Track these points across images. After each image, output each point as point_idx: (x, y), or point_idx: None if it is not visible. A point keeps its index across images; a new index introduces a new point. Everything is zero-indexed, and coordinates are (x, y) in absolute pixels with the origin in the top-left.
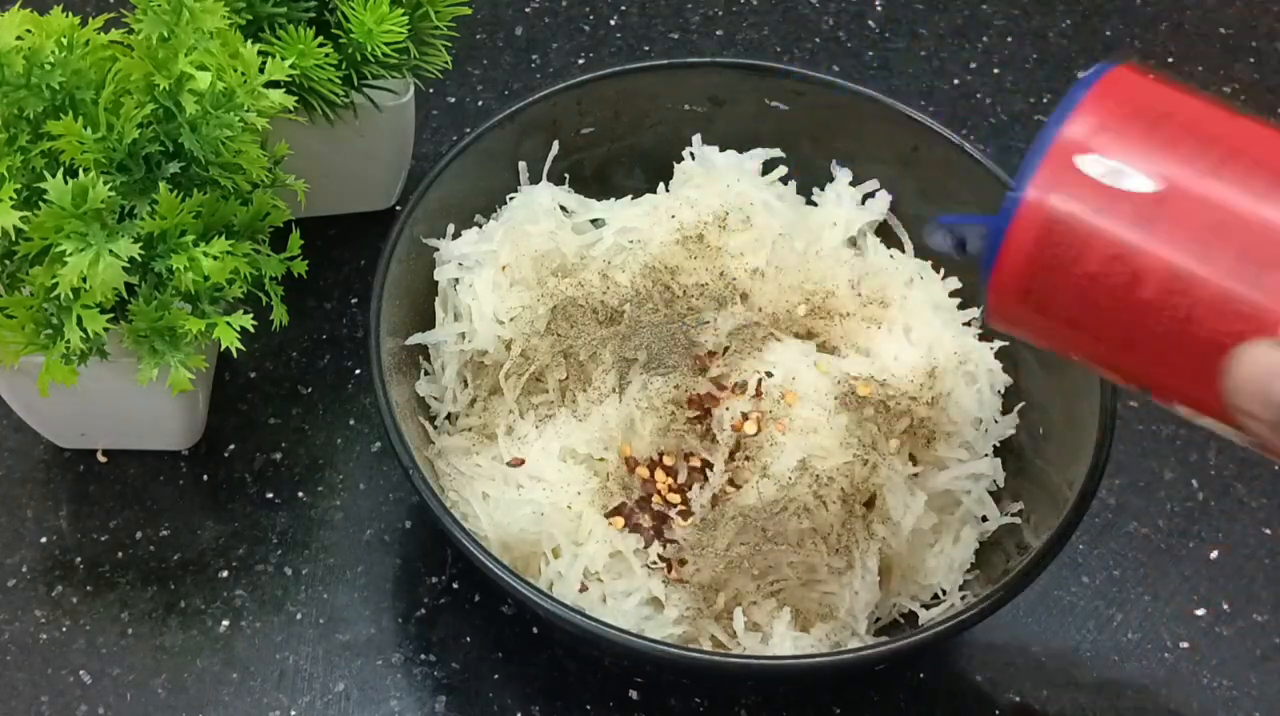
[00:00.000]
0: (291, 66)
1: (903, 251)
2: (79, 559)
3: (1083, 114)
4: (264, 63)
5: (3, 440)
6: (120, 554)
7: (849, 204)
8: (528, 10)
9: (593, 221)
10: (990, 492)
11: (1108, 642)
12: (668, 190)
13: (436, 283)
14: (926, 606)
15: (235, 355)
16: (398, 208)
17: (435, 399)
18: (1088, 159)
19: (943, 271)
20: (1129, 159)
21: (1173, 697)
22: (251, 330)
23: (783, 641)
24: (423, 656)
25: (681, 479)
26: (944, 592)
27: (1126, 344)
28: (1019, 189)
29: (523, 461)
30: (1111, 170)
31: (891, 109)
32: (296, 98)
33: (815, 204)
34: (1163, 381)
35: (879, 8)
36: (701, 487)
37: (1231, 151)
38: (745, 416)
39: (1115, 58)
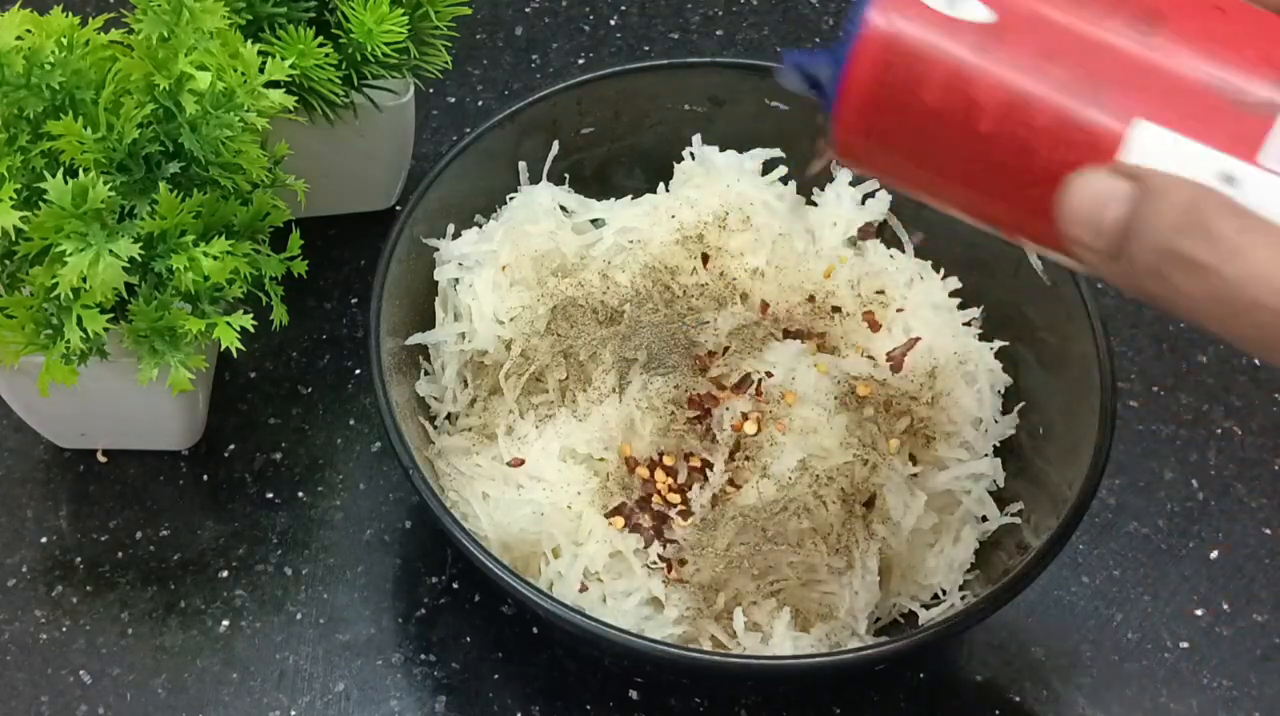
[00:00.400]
0: (291, 66)
1: (903, 251)
2: (79, 559)
3: None
4: (264, 63)
5: (3, 440)
6: (120, 554)
7: (849, 204)
8: (528, 10)
9: (593, 221)
10: (990, 492)
11: (1108, 642)
12: (668, 190)
13: (436, 283)
14: (926, 606)
15: (235, 355)
16: (398, 208)
17: (435, 399)
18: None
19: (942, 271)
20: None
21: (1173, 697)
22: (251, 330)
23: (783, 641)
24: (423, 656)
25: (681, 479)
26: (944, 592)
27: (968, 178)
28: (856, 20)
29: (523, 461)
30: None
31: None
32: (296, 98)
33: (815, 204)
34: (1006, 216)
35: None
36: (701, 487)
37: None
38: (745, 416)
39: None
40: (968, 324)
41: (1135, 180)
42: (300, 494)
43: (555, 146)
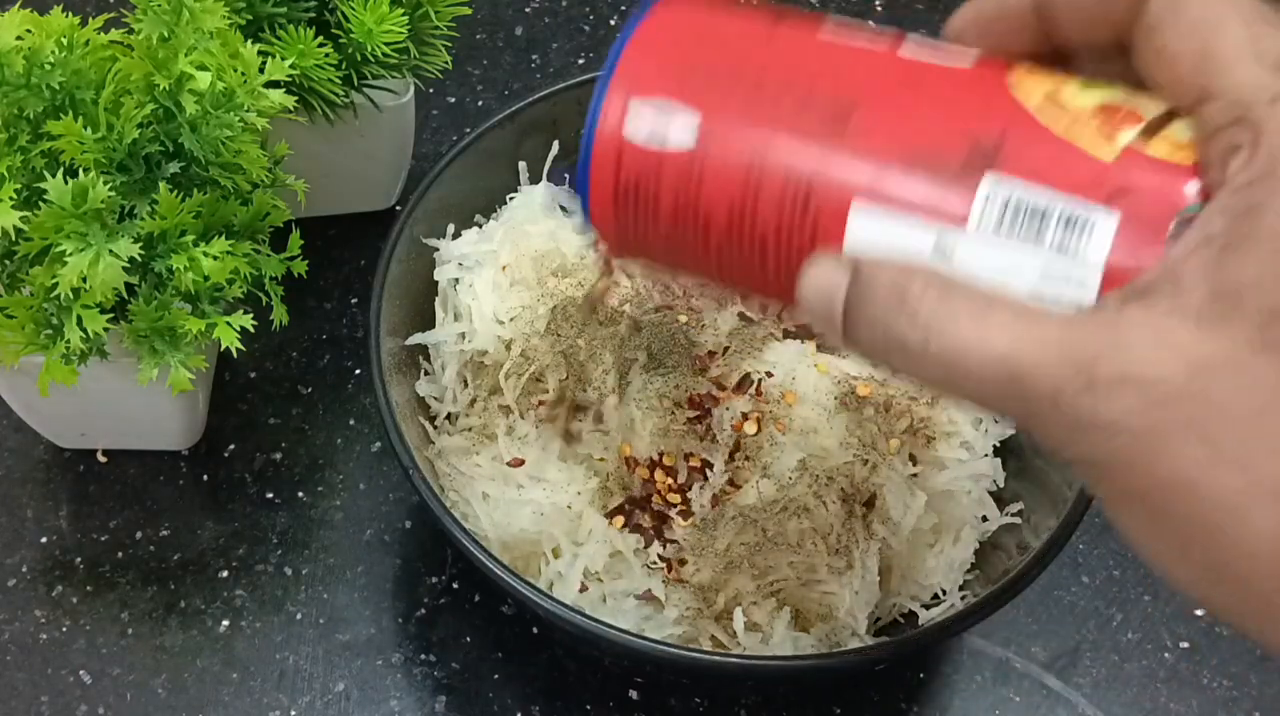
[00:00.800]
0: (291, 66)
1: None
2: (79, 559)
3: (623, 70)
4: (264, 63)
5: (3, 440)
6: (120, 554)
7: None
8: (528, 10)
9: None
10: (990, 492)
11: (1108, 642)
12: None
13: (436, 283)
14: (926, 606)
15: (235, 355)
16: (398, 208)
17: (435, 399)
18: (632, 123)
19: None
20: (667, 113)
21: (1173, 697)
22: (251, 330)
23: (783, 641)
24: (423, 656)
25: (681, 479)
26: (944, 592)
27: (726, 276)
28: (583, 162)
29: (523, 461)
30: (654, 131)
31: None
32: (296, 98)
33: None
34: (771, 301)
35: (879, 8)
36: (701, 487)
37: (763, 77)
38: (745, 416)
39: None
40: None
41: (847, 267)
42: (300, 494)
43: (555, 146)
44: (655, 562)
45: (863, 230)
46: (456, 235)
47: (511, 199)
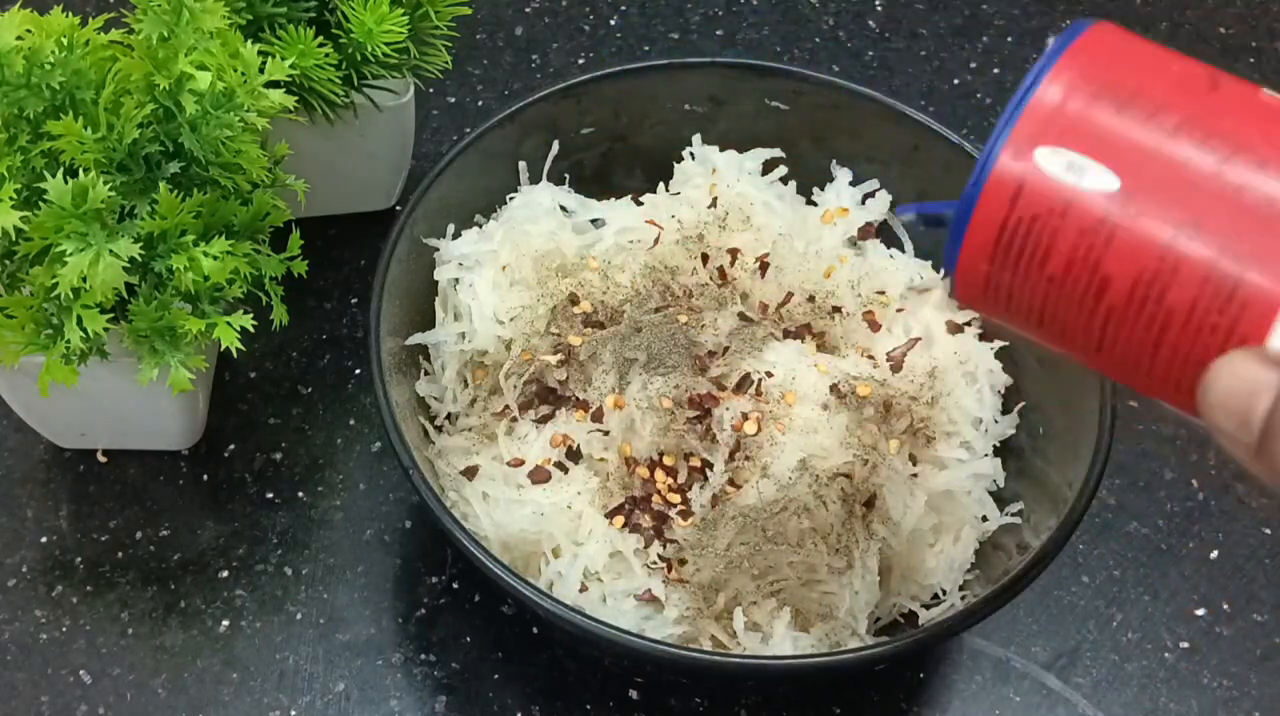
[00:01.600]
0: (291, 66)
1: (903, 251)
2: (79, 559)
3: (1045, 93)
4: (264, 63)
5: (3, 440)
6: (120, 554)
7: (849, 204)
8: (528, 10)
9: (592, 221)
10: (990, 492)
11: (1108, 642)
12: (668, 190)
13: (436, 283)
14: (926, 606)
15: (235, 355)
16: (398, 208)
17: (435, 399)
18: (1046, 152)
19: (942, 271)
20: (1091, 151)
21: (1173, 697)
22: (251, 330)
23: (783, 641)
24: (423, 656)
25: (681, 479)
26: (944, 592)
27: (1098, 347)
28: (977, 180)
29: (523, 461)
30: (1072, 165)
31: (891, 109)
32: (296, 98)
33: (815, 204)
34: (1140, 385)
35: (879, 8)
36: (701, 487)
37: (1206, 136)
38: (745, 416)
39: (1086, 17)
40: (968, 324)
41: None
42: (300, 494)
43: (555, 146)
44: (655, 562)
45: None
46: (456, 235)
47: (511, 199)
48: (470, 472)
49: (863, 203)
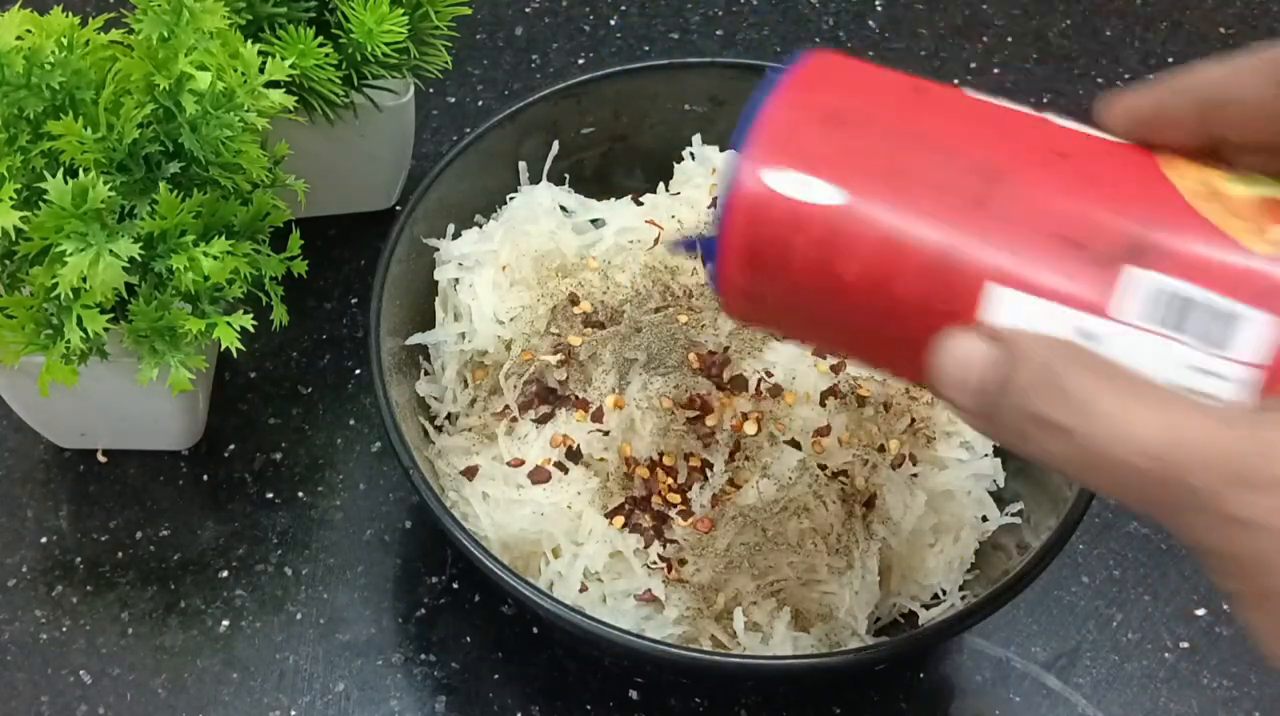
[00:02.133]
0: (291, 66)
1: None
2: (79, 559)
3: (767, 121)
4: (264, 63)
5: (3, 440)
6: (120, 554)
7: None
8: (528, 10)
9: (592, 221)
10: (990, 492)
11: (1108, 642)
12: (668, 190)
13: (436, 283)
14: (926, 606)
15: (235, 355)
16: (398, 208)
17: (435, 399)
18: (773, 174)
19: None
20: (811, 167)
21: (1173, 697)
22: (251, 330)
23: (783, 641)
24: (423, 656)
25: (681, 479)
26: (944, 592)
27: (851, 341)
28: (721, 208)
29: (523, 462)
30: (796, 182)
31: None
32: (296, 98)
33: None
34: (891, 370)
35: (879, 8)
36: (701, 487)
37: (913, 139)
38: (745, 416)
39: (799, 51)
40: None
41: (995, 342)
42: (300, 494)
43: (555, 146)
44: (655, 562)
45: (1004, 307)
46: (456, 235)
47: (511, 199)
48: (470, 472)
49: None
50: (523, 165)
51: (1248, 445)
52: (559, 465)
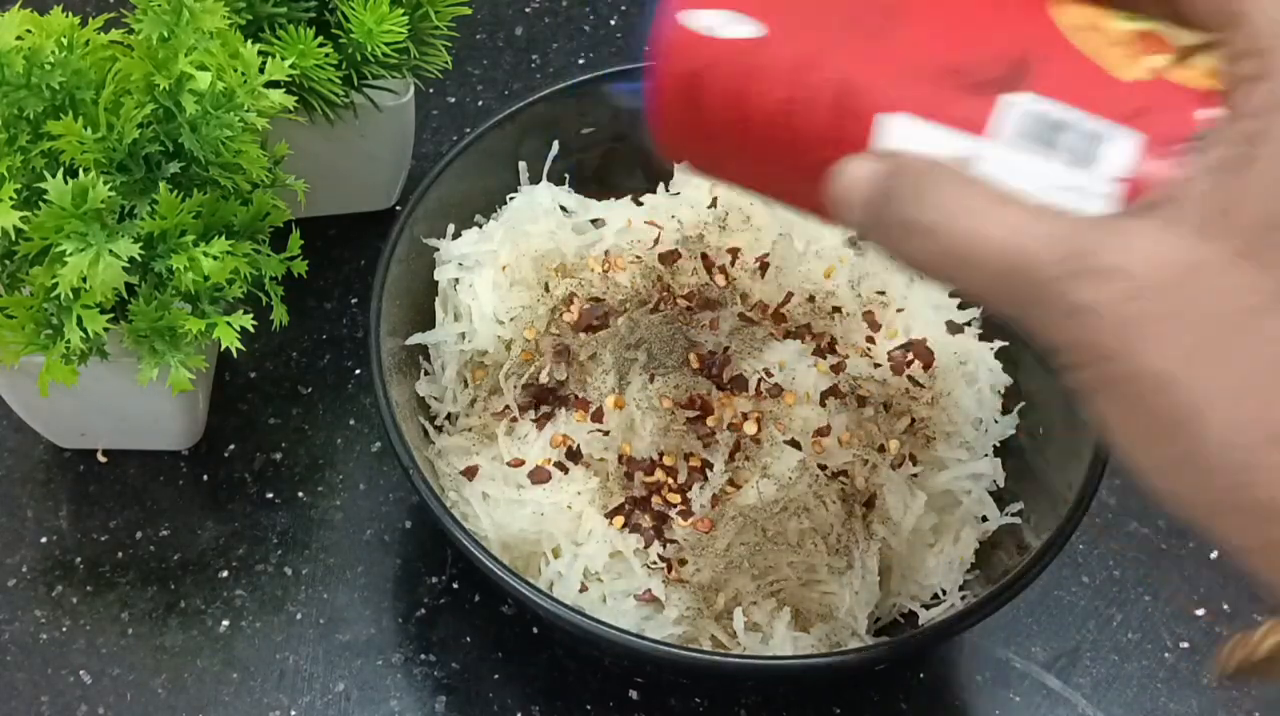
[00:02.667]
0: (291, 66)
1: None
2: (79, 559)
3: None
4: (264, 63)
5: (3, 440)
6: (120, 554)
7: None
8: (528, 10)
9: (592, 221)
10: (990, 492)
11: (1108, 642)
12: (668, 190)
13: (436, 283)
14: (926, 606)
15: (235, 355)
16: (398, 208)
17: (435, 399)
18: (690, 14)
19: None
20: (723, 5)
21: (1173, 697)
22: (251, 330)
23: (783, 641)
24: (423, 656)
25: (681, 479)
26: (944, 592)
27: (763, 176)
28: (648, 52)
29: (523, 462)
30: (712, 21)
31: None
32: (296, 98)
33: None
34: (803, 202)
35: None
36: (701, 487)
37: None
38: (745, 416)
39: None
40: (968, 324)
41: (882, 160)
42: (300, 494)
43: (555, 146)
44: (655, 562)
45: (892, 135)
46: (456, 235)
47: (511, 199)
48: (470, 473)
49: None
50: (523, 165)
51: (1087, 237)
52: (559, 465)
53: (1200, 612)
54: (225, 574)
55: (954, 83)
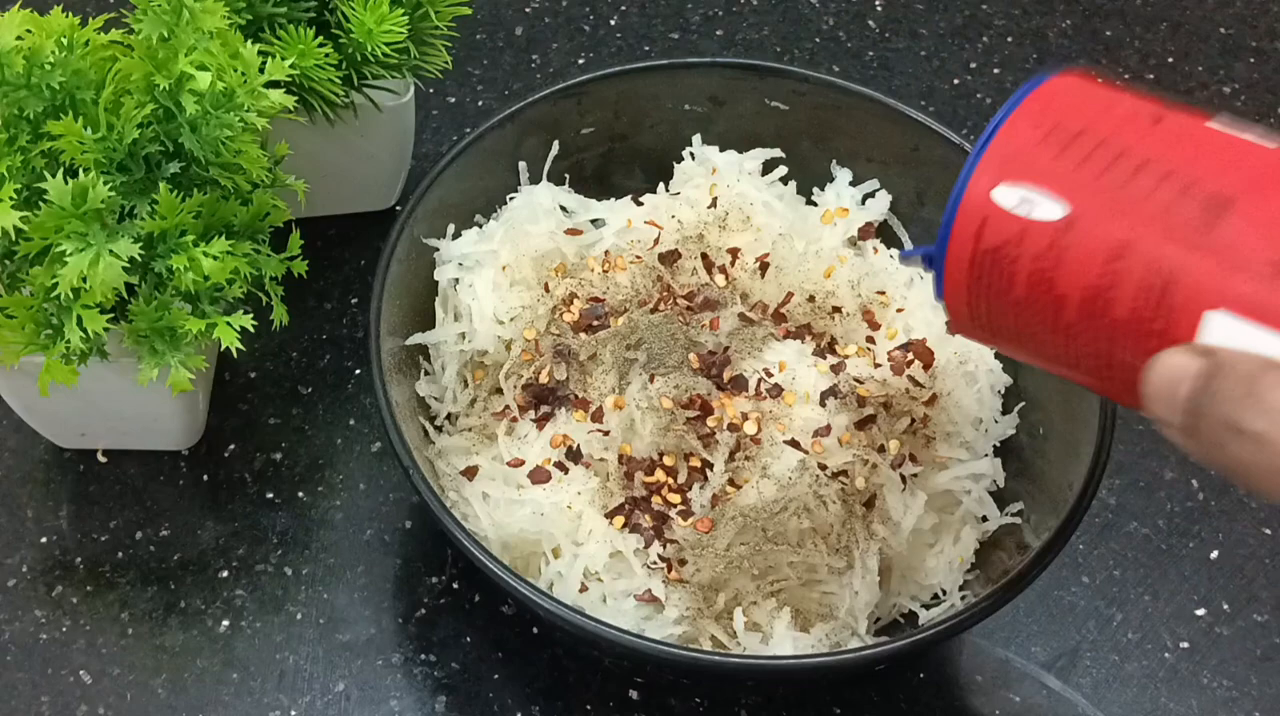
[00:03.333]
0: (291, 66)
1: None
2: (79, 559)
3: (1003, 137)
4: (264, 63)
5: (3, 440)
6: (120, 554)
7: (849, 204)
8: (528, 10)
9: (593, 221)
10: (990, 492)
11: (1108, 642)
12: (668, 190)
13: (436, 283)
14: (926, 606)
15: (235, 355)
16: (398, 208)
17: (435, 399)
18: (1002, 190)
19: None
20: (1041, 184)
21: (1173, 697)
22: (251, 330)
23: (783, 641)
24: (423, 656)
25: (681, 479)
26: (944, 592)
27: (1068, 361)
28: (947, 222)
29: (523, 462)
30: (1024, 199)
31: (891, 109)
32: (296, 98)
33: (815, 204)
34: (1102, 389)
35: (879, 8)
36: (701, 487)
37: (1143, 164)
38: (745, 416)
39: (1047, 70)
40: None
41: (1205, 357)
42: (300, 494)
43: (555, 146)
44: (655, 562)
45: (1219, 332)
46: (456, 235)
47: (511, 199)
48: (470, 473)
49: (863, 203)
50: (523, 165)
51: None
52: (559, 465)
53: (1200, 612)
54: (225, 574)
55: None
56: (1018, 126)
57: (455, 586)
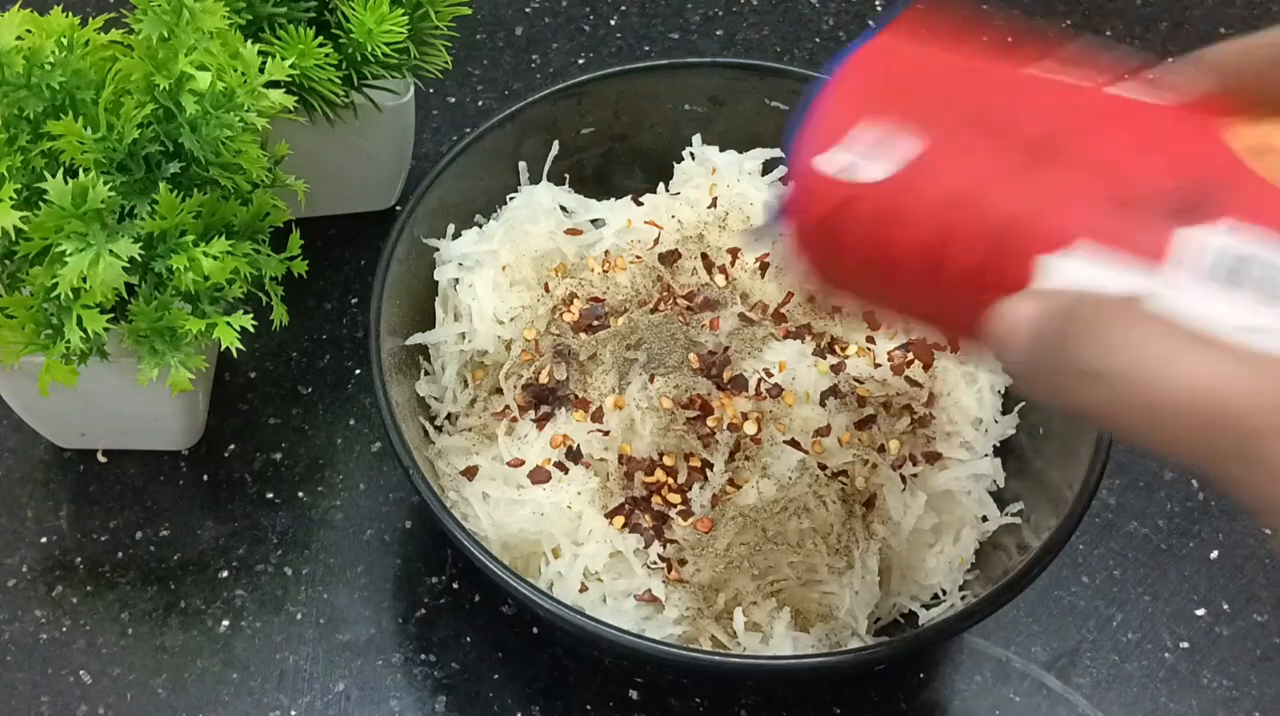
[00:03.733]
0: (291, 66)
1: None
2: (79, 559)
3: (820, 107)
4: (264, 63)
5: (3, 440)
6: (120, 554)
7: None
8: (528, 10)
9: (593, 221)
10: (990, 492)
11: (1108, 642)
12: (668, 190)
13: (436, 283)
14: (926, 606)
15: (235, 355)
16: (398, 208)
17: (435, 399)
18: (826, 157)
19: None
20: (859, 150)
21: (1173, 697)
22: (251, 330)
23: (783, 641)
24: (423, 656)
25: (681, 479)
26: (944, 592)
27: (928, 318)
28: (777, 198)
29: (523, 462)
30: (849, 164)
31: None
32: (296, 98)
33: None
34: (958, 339)
35: (879, 8)
36: (701, 487)
37: (964, 118)
38: (745, 416)
39: (868, 32)
40: None
41: (1046, 299)
42: (300, 494)
43: (555, 146)
44: (655, 562)
45: (1059, 271)
46: (456, 235)
47: (511, 199)
48: (470, 473)
49: None
50: (523, 165)
51: None
52: (559, 465)
53: (1200, 612)
54: (225, 574)
55: (1122, 216)
56: (836, 92)
57: (455, 586)
